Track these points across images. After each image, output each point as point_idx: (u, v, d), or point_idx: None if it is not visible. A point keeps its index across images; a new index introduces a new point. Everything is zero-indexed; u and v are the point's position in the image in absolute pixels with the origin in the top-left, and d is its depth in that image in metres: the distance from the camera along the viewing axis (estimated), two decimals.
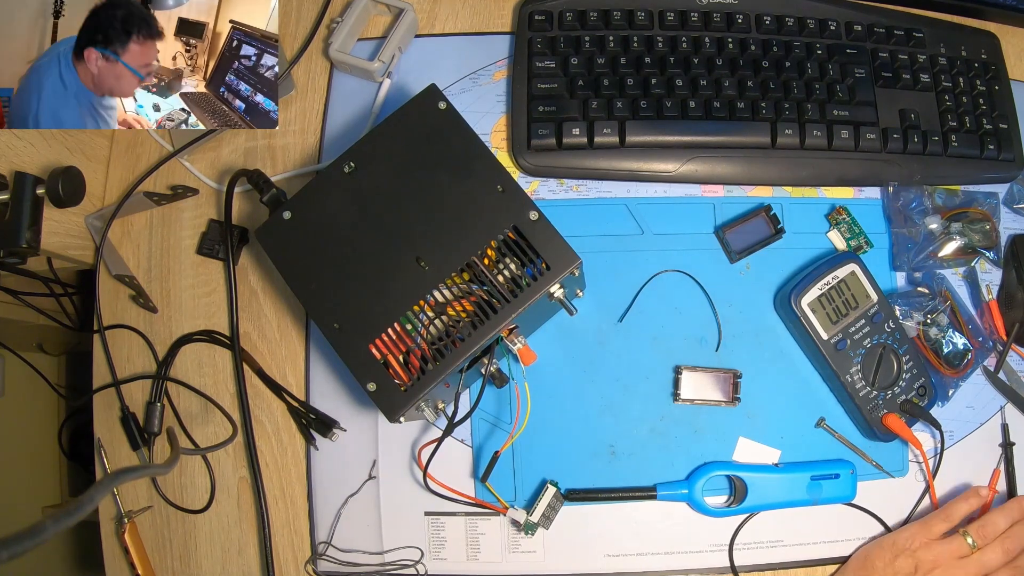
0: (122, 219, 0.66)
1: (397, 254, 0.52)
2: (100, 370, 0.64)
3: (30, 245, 0.53)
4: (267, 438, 0.62)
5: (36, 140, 0.58)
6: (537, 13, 0.67)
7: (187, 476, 0.62)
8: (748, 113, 0.64)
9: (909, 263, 0.63)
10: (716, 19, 0.66)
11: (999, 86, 0.67)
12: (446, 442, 0.56)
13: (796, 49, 0.66)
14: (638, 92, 0.64)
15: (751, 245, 0.63)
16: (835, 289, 0.60)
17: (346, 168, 0.53)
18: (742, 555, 0.60)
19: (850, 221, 0.64)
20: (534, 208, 0.51)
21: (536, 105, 0.64)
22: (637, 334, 0.63)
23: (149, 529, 0.62)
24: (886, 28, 0.67)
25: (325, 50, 0.68)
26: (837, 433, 0.61)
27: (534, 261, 0.51)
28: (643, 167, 0.64)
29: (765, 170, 0.64)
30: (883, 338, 0.60)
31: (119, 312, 0.65)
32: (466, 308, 0.51)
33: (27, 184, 0.53)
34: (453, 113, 0.54)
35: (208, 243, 0.65)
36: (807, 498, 0.59)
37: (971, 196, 0.65)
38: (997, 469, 0.61)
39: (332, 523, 0.61)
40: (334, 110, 0.68)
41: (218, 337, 0.63)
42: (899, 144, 0.64)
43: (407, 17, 0.67)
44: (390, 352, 0.50)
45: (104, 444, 0.63)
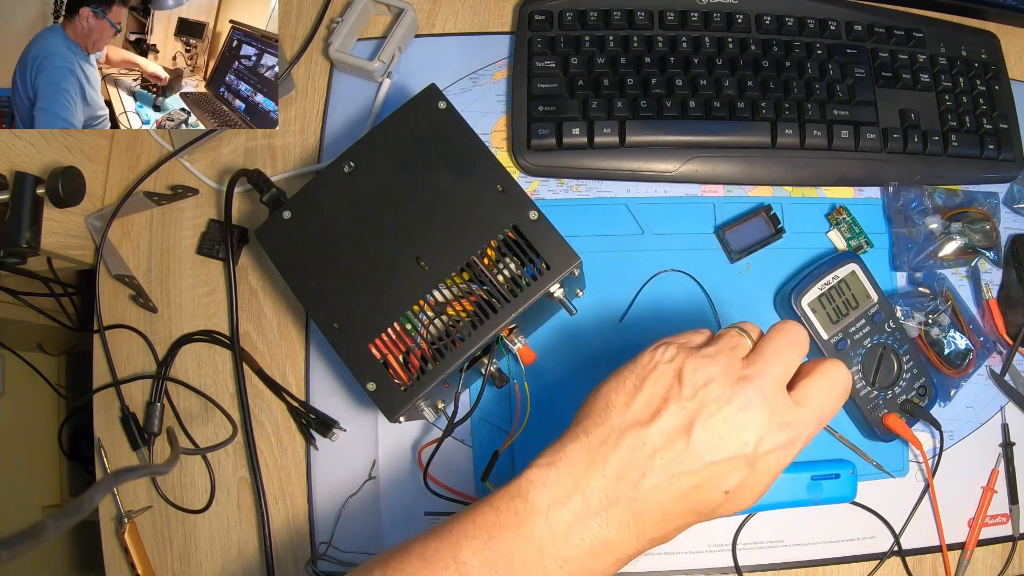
0: (122, 219, 0.66)
1: (397, 254, 0.52)
2: (100, 370, 0.64)
3: (30, 245, 0.53)
4: (267, 438, 0.62)
5: (36, 140, 0.58)
6: (537, 13, 0.67)
7: (187, 476, 0.62)
8: (748, 113, 0.64)
9: (909, 263, 0.63)
10: (716, 19, 0.66)
11: (999, 86, 0.67)
12: (446, 442, 0.56)
13: (796, 49, 0.66)
14: (638, 92, 0.64)
15: (751, 245, 0.63)
16: (835, 289, 0.60)
17: (346, 168, 0.53)
18: (742, 555, 0.60)
19: (850, 221, 0.64)
20: (534, 208, 0.51)
21: (536, 105, 0.64)
22: (637, 334, 0.63)
23: (149, 529, 0.62)
24: (886, 28, 0.67)
25: (325, 50, 0.68)
26: (837, 433, 0.61)
27: (534, 261, 0.51)
28: (643, 167, 0.64)
29: (765, 170, 0.64)
30: (883, 338, 0.60)
31: (119, 312, 0.65)
32: (466, 308, 0.51)
33: (27, 184, 0.53)
34: (453, 113, 0.54)
35: (208, 243, 0.65)
36: (807, 498, 0.59)
37: (971, 196, 0.65)
38: (996, 469, 0.61)
39: (332, 523, 0.61)
40: (334, 110, 0.68)
41: (218, 337, 0.63)
42: (899, 144, 0.64)
43: (407, 17, 0.67)
44: (390, 352, 0.50)
45: (104, 444, 0.63)
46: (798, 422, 0.37)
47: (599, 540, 0.36)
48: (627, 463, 0.36)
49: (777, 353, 0.38)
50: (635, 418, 0.37)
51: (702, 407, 0.36)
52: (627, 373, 0.39)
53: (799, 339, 0.39)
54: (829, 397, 0.39)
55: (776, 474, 0.38)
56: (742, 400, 0.36)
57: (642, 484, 0.36)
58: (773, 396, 0.37)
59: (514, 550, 0.35)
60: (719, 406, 0.36)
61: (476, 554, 0.35)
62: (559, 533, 0.35)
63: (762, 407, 0.36)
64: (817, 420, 0.38)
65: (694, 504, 0.37)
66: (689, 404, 0.36)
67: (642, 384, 0.38)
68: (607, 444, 0.37)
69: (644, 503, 0.36)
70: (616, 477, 0.36)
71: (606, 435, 0.37)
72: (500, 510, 0.36)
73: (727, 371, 0.37)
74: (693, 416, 0.36)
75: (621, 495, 0.36)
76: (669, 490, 0.36)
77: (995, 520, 0.61)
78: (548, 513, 0.35)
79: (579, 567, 0.36)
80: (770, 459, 0.37)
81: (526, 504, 0.36)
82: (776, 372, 0.38)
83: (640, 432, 0.36)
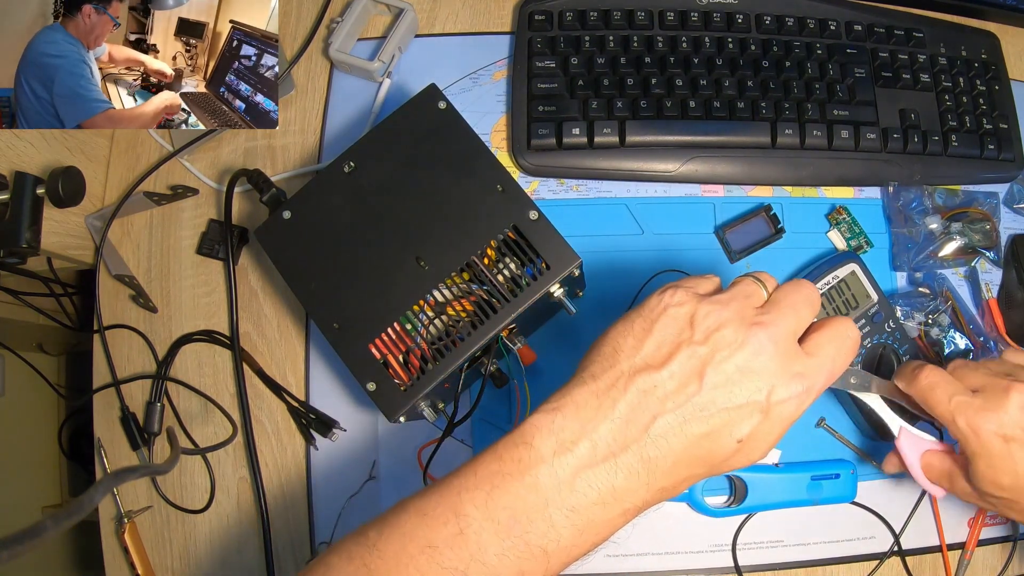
0: (122, 219, 0.66)
1: (397, 254, 0.52)
2: (100, 370, 0.64)
3: (30, 245, 0.53)
4: (267, 438, 0.62)
5: (36, 140, 0.58)
6: (537, 13, 0.67)
7: (187, 476, 0.62)
8: (748, 113, 0.64)
9: (909, 263, 0.63)
10: (716, 19, 0.66)
11: (999, 86, 0.67)
12: (446, 442, 0.56)
13: (796, 49, 0.66)
14: (638, 92, 0.65)
15: (751, 245, 0.63)
16: (835, 289, 0.60)
17: (346, 168, 0.53)
18: (742, 555, 0.60)
19: (850, 221, 0.64)
20: (534, 208, 0.51)
21: (536, 105, 0.64)
22: None
23: (149, 529, 0.62)
24: (886, 28, 0.67)
25: (325, 50, 0.68)
26: (837, 433, 0.61)
27: (534, 261, 0.51)
28: (643, 167, 0.64)
29: (765, 170, 0.64)
30: (884, 338, 0.60)
31: (119, 312, 0.65)
32: (466, 308, 0.51)
33: (27, 184, 0.53)
34: (453, 113, 0.54)
35: (208, 243, 0.65)
36: (807, 498, 0.59)
37: (971, 196, 0.65)
38: None
39: (332, 523, 0.61)
40: (334, 110, 0.68)
41: (218, 337, 0.63)
42: (899, 144, 0.64)
43: (407, 17, 0.67)
44: (390, 352, 0.50)
45: (104, 444, 0.63)
46: (810, 372, 0.36)
47: (607, 488, 0.34)
48: (637, 407, 0.35)
49: (792, 306, 0.37)
50: (645, 362, 0.36)
51: (715, 351, 0.35)
52: (635, 317, 0.38)
53: (814, 297, 0.39)
54: (840, 349, 0.38)
55: (787, 424, 0.36)
56: (755, 346, 0.35)
57: (652, 429, 0.34)
58: (786, 346, 0.36)
59: (518, 500, 0.34)
60: (731, 351, 0.35)
61: (478, 507, 0.34)
62: (565, 481, 0.34)
63: (775, 355, 0.36)
64: (829, 372, 0.37)
65: (706, 453, 0.35)
66: (701, 349, 0.35)
67: (651, 328, 0.37)
68: (616, 388, 0.35)
69: (654, 448, 0.34)
70: (625, 422, 0.34)
71: (615, 379, 0.36)
72: (503, 458, 0.35)
73: (740, 317, 0.36)
74: (705, 360, 0.35)
75: (630, 440, 0.34)
76: (681, 436, 0.35)
77: (995, 520, 0.61)
78: (553, 460, 0.34)
79: (586, 518, 0.34)
80: (783, 408, 0.36)
81: (530, 451, 0.34)
82: (790, 323, 0.37)
83: (651, 376, 0.35)
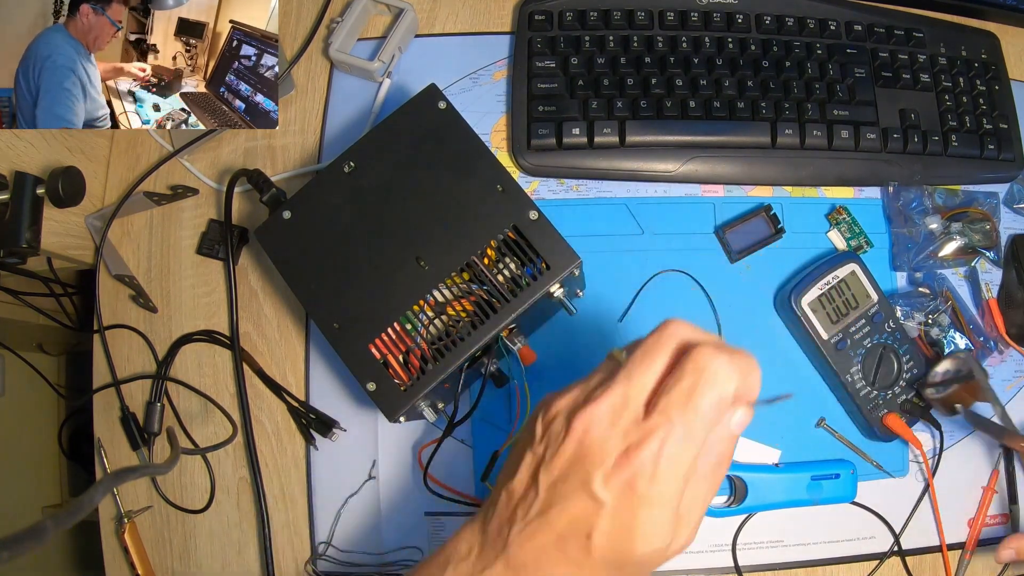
0: (122, 219, 0.66)
1: (397, 254, 0.52)
2: (100, 370, 0.64)
3: (30, 245, 0.53)
4: (267, 438, 0.62)
5: (36, 140, 0.58)
6: (537, 13, 0.67)
7: (187, 476, 0.62)
8: (748, 113, 0.64)
9: (909, 263, 0.63)
10: (716, 19, 0.66)
11: (999, 86, 0.67)
12: (446, 442, 0.56)
13: (796, 49, 0.66)
14: (638, 92, 0.65)
15: (751, 245, 0.63)
16: (835, 289, 0.60)
17: (346, 168, 0.53)
18: (742, 555, 0.60)
19: (850, 221, 0.64)
20: (534, 208, 0.51)
21: (536, 105, 0.64)
22: (637, 334, 0.62)
23: (149, 529, 0.62)
24: (886, 28, 0.68)
25: (325, 50, 0.68)
26: (837, 433, 0.61)
27: (534, 261, 0.51)
28: (643, 167, 0.64)
29: (765, 170, 0.64)
30: (883, 338, 0.60)
31: (119, 312, 0.65)
32: (466, 308, 0.51)
33: (27, 184, 0.53)
34: (453, 113, 0.54)
35: (208, 243, 0.65)
36: (807, 498, 0.59)
37: (971, 196, 0.65)
38: (996, 469, 0.61)
39: (332, 523, 0.61)
40: (334, 110, 0.68)
41: (218, 337, 0.63)
42: (899, 144, 0.64)
43: (407, 17, 0.67)
44: (390, 352, 0.50)
45: (104, 444, 0.63)
46: (642, 439, 0.33)
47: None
48: (502, 518, 0.35)
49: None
50: (506, 477, 0.37)
51: (546, 448, 0.35)
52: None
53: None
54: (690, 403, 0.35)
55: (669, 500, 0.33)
56: (577, 438, 0.34)
57: (510, 536, 0.35)
58: (613, 422, 0.34)
59: None
60: (558, 446, 0.34)
61: None
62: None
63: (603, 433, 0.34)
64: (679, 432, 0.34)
65: (575, 555, 0.34)
66: (538, 448, 0.35)
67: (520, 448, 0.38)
68: (494, 505, 0.37)
69: (515, 552, 0.34)
70: (496, 534, 0.35)
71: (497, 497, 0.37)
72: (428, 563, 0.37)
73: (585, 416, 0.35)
74: (539, 460, 0.35)
75: (498, 549, 0.35)
76: (531, 538, 0.34)
77: (995, 520, 0.61)
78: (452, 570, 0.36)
79: None
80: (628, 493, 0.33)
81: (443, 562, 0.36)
82: (616, 399, 0.35)
83: (508, 487, 0.36)
